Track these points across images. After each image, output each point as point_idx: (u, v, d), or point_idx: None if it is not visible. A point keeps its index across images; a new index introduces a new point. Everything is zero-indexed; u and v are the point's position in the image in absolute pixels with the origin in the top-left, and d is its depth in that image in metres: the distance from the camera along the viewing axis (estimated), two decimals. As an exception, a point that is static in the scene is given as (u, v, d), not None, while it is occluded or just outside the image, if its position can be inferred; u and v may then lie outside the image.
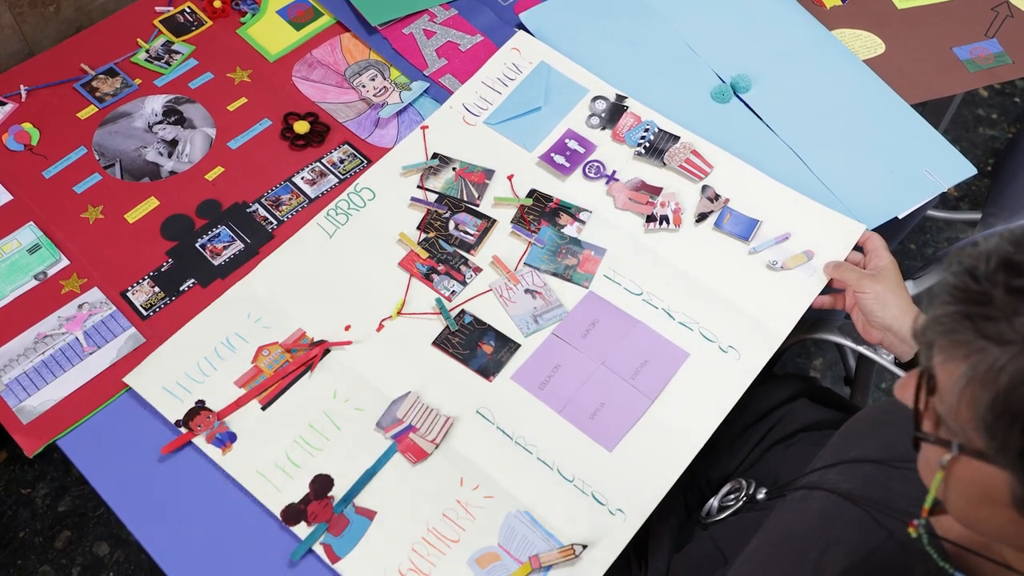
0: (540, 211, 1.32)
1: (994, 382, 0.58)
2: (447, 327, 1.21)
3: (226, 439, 1.12)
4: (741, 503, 1.13)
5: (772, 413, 1.26)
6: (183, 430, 1.12)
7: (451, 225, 1.30)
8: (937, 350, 0.63)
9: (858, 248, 1.27)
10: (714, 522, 1.14)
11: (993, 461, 0.61)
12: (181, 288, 1.24)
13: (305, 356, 1.17)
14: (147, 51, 1.47)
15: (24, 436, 1.12)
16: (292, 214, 1.31)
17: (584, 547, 1.05)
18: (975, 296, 0.60)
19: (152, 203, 1.31)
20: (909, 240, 2.30)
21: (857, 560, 0.85)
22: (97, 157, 1.35)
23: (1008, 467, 0.60)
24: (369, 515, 1.08)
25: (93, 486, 1.09)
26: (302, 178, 1.35)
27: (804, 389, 1.30)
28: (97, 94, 1.41)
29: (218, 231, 1.29)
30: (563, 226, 1.30)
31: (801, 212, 1.31)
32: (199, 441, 1.12)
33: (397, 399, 1.15)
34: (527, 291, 1.24)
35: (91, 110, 1.40)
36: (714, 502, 1.17)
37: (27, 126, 1.36)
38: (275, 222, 1.31)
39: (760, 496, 1.12)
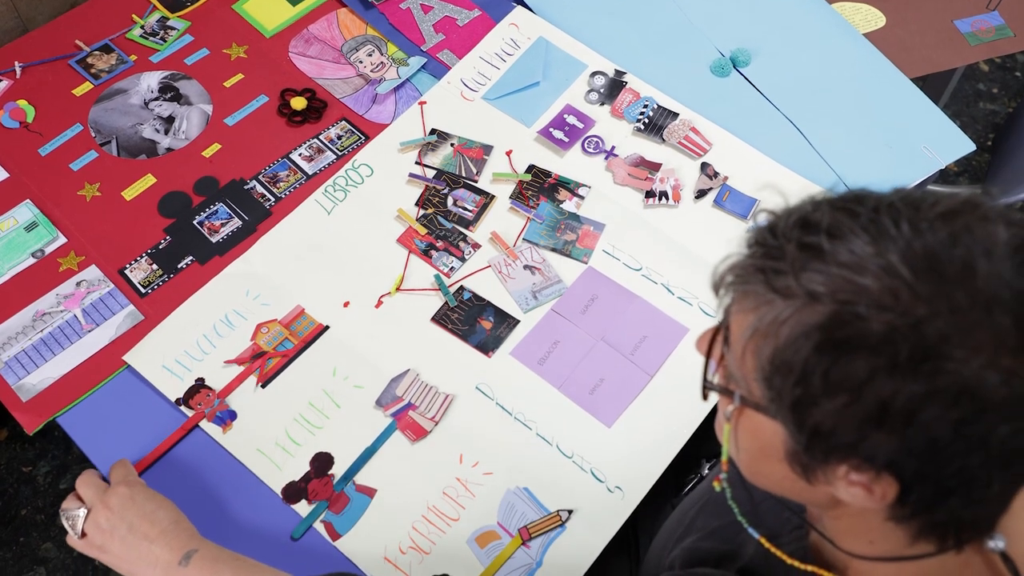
0: (539, 186, 1.31)
1: (775, 334, 0.59)
2: (446, 303, 1.21)
3: (226, 417, 1.12)
4: (694, 482, 1.16)
5: None
6: (183, 408, 1.12)
7: (449, 201, 1.30)
8: (732, 301, 0.65)
9: None
10: (680, 498, 1.17)
11: (769, 412, 0.63)
12: (179, 265, 1.24)
13: (305, 337, 1.17)
14: (142, 27, 1.46)
15: (24, 413, 1.12)
16: (290, 191, 1.31)
17: (570, 512, 1.05)
18: (770, 250, 0.61)
19: (149, 180, 1.31)
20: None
21: (722, 520, 0.88)
22: (93, 134, 1.34)
23: (780, 419, 0.62)
24: (369, 493, 1.08)
25: (93, 463, 1.10)
26: (299, 155, 1.34)
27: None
28: (92, 71, 1.40)
29: (216, 208, 1.29)
30: (562, 201, 1.30)
31: (799, 192, 1.30)
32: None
33: (396, 377, 1.15)
34: (526, 267, 1.24)
35: (87, 87, 1.39)
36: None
37: (22, 103, 1.35)
38: (273, 199, 1.30)
39: (705, 473, 1.15)
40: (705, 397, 0.71)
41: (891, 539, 0.67)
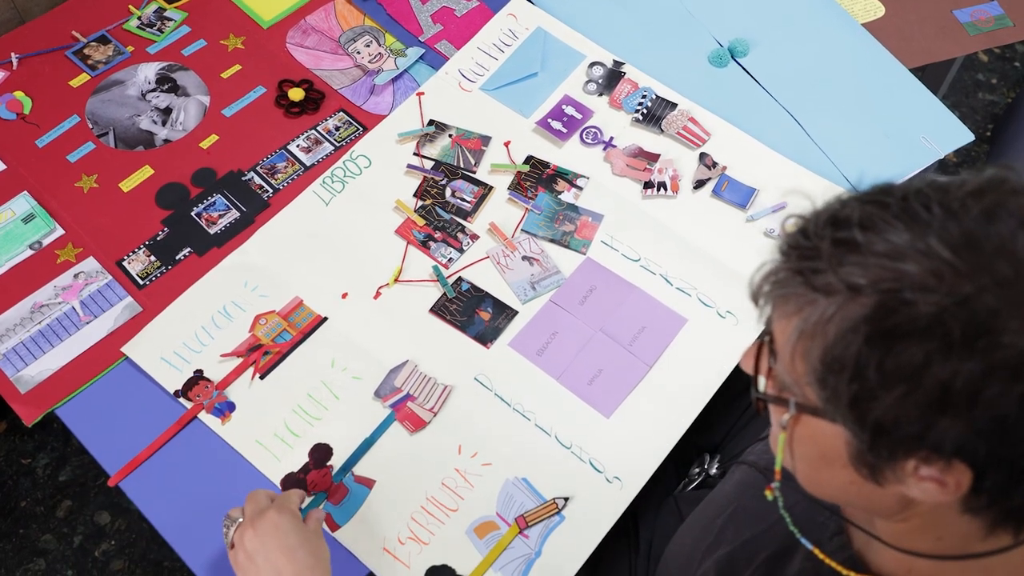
0: (537, 177, 1.31)
1: (823, 332, 0.59)
2: (444, 294, 1.21)
3: (225, 409, 1.12)
4: (700, 478, 1.15)
5: None
6: (182, 400, 1.12)
7: (448, 192, 1.30)
8: (773, 308, 0.64)
9: None
10: (682, 494, 1.17)
11: (826, 415, 0.62)
12: (177, 257, 1.24)
13: (304, 328, 1.17)
14: (139, 18, 1.45)
15: (22, 405, 1.12)
16: (288, 182, 1.31)
17: (566, 500, 1.05)
18: (805, 251, 0.61)
19: (146, 172, 1.31)
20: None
21: (755, 529, 0.87)
22: (90, 126, 1.34)
23: (840, 419, 0.60)
24: (368, 484, 1.08)
25: (92, 455, 1.10)
26: (297, 146, 1.34)
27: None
28: (89, 62, 1.40)
29: (213, 200, 1.28)
30: (560, 192, 1.30)
31: (797, 181, 1.31)
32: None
33: (395, 368, 1.15)
34: (524, 258, 1.24)
35: (83, 78, 1.38)
36: (687, 479, 1.19)
37: (19, 94, 1.35)
38: (271, 190, 1.30)
39: (713, 472, 1.15)
40: (760, 412, 0.70)
41: (963, 534, 0.65)
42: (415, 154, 1.33)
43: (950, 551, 0.67)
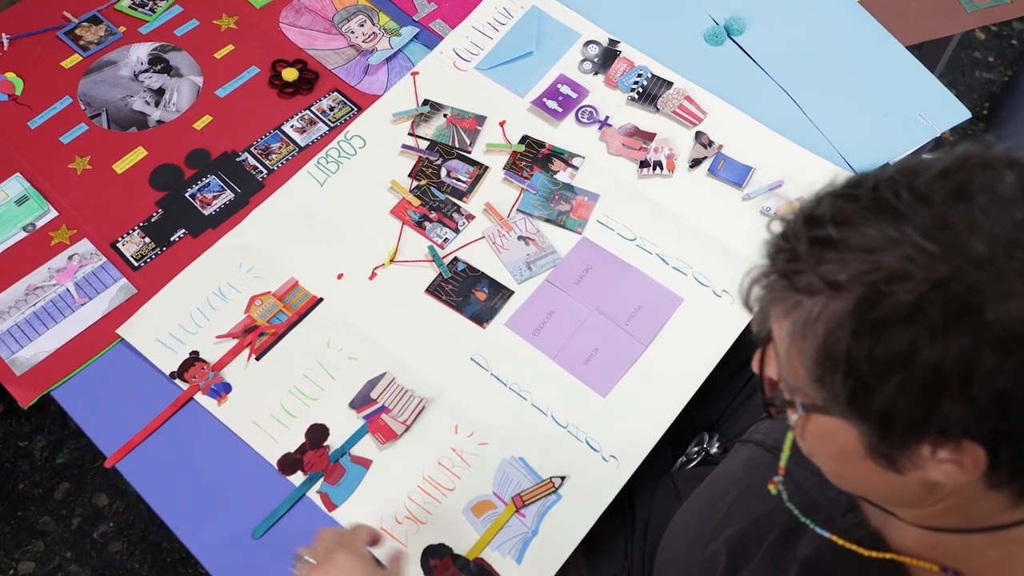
0: (532, 157, 1.30)
1: (813, 332, 0.59)
2: (440, 274, 1.21)
3: (221, 390, 1.12)
4: (700, 457, 1.15)
5: None
6: (178, 381, 1.12)
7: (443, 172, 1.29)
8: (768, 313, 0.65)
9: None
10: (680, 472, 1.16)
11: (832, 412, 0.62)
12: (172, 238, 1.23)
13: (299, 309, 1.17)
14: (131, -2, 1.44)
15: (18, 387, 1.12)
16: (282, 163, 1.30)
17: (563, 479, 1.06)
18: (786, 254, 0.61)
19: (140, 153, 1.30)
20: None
21: (764, 508, 0.87)
22: (83, 107, 1.33)
23: (845, 416, 0.61)
24: (365, 464, 1.08)
25: (89, 436, 1.10)
26: (291, 126, 1.33)
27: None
28: (81, 42, 1.39)
29: (208, 181, 1.28)
30: (556, 172, 1.29)
31: (794, 160, 1.30)
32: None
33: (372, 380, 1.14)
34: (520, 238, 1.24)
35: (75, 59, 1.37)
36: (684, 457, 1.19)
37: (10, 76, 1.34)
38: (265, 171, 1.29)
39: (714, 451, 1.14)
40: (771, 415, 0.70)
41: (989, 508, 0.65)
42: (410, 134, 1.32)
43: (976, 524, 0.67)
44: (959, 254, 0.54)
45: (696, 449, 1.19)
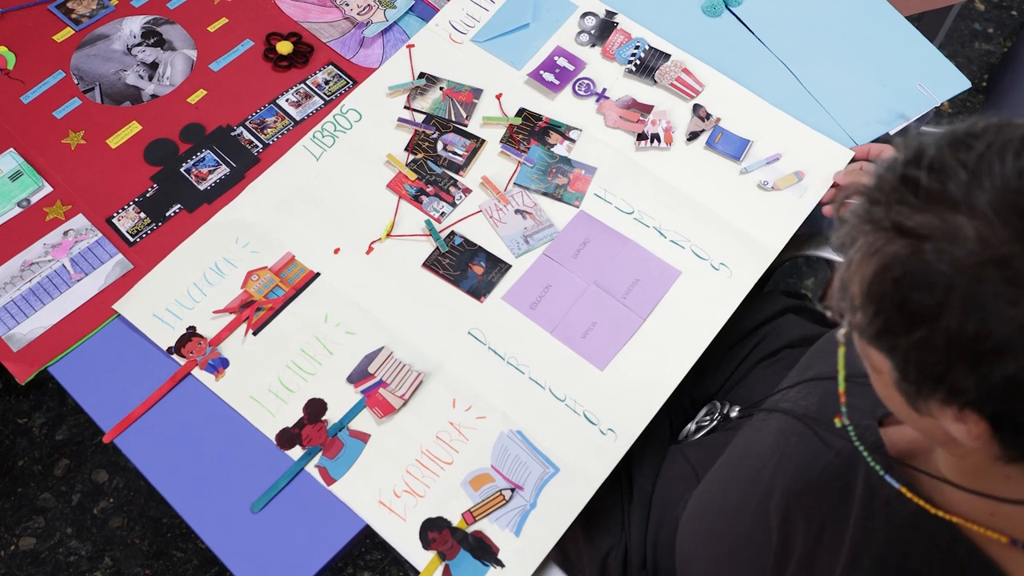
0: (529, 130, 1.30)
1: (867, 263, 0.61)
2: (437, 248, 1.20)
3: (219, 365, 1.12)
4: (715, 423, 1.15)
5: (758, 330, 1.26)
6: (175, 357, 1.12)
7: (439, 146, 1.28)
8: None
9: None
10: (690, 442, 1.16)
11: (866, 338, 0.64)
12: (167, 214, 1.23)
13: (297, 283, 1.17)
14: (123, -30, 1.43)
15: (15, 363, 1.12)
16: (277, 137, 1.29)
17: (512, 491, 1.05)
18: (880, 182, 0.63)
19: (134, 127, 1.29)
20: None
21: (805, 477, 0.87)
22: (76, 81, 1.32)
23: (873, 345, 0.64)
24: (363, 438, 1.08)
25: (87, 412, 1.10)
26: (287, 100, 1.33)
27: (792, 305, 1.30)
28: (73, 16, 1.38)
29: (203, 155, 1.27)
30: (553, 145, 1.28)
31: (791, 134, 1.30)
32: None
33: (369, 354, 1.13)
34: (517, 211, 1.23)
35: (67, 32, 1.36)
36: (691, 426, 1.18)
37: (2, 50, 1.33)
38: (260, 145, 1.28)
39: (733, 415, 1.14)
40: (836, 321, 0.72)
41: (999, 479, 0.67)
42: (406, 107, 1.32)
43: (986, 491, 0.69)
44: (1018, 243, 0.55)
45: (707, 417, 1.18)
